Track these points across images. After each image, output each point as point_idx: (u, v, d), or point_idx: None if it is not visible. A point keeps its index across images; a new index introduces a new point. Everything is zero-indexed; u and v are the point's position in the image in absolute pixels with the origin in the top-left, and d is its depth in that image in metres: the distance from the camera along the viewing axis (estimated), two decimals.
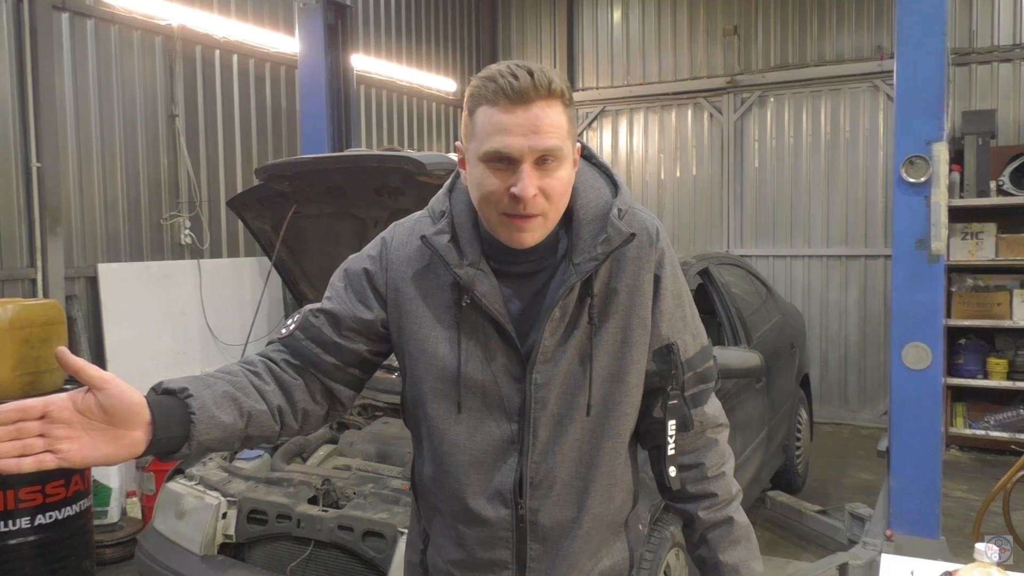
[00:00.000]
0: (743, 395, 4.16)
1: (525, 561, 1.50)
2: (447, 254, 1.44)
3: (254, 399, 1.43)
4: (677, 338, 1.52)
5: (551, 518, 1.49)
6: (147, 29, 5.53)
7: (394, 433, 3.63)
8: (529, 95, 1.31)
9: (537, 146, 1.31)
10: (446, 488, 1.51)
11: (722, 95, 8.45)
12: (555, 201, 1.36)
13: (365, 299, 1.54)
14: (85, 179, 5.19)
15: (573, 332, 1.45)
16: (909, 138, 3.67)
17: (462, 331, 1.46)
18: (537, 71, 1.32)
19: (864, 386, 7.91)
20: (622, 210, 1.45)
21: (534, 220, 1.35)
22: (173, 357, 5.56)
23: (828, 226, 7.98)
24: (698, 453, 1.57)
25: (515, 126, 1.31)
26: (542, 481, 1.47)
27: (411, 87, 8.27)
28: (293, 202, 3.74)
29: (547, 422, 1.46)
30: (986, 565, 1.46)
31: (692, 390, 1.55)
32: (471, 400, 1.47)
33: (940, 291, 3.72)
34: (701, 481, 1.57)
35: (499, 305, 1.44)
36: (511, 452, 1.47)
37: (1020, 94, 7.07)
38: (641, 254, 1.47)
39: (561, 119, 1.34)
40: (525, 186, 1.31)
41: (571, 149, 1.38)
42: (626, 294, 1.47)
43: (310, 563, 2.92)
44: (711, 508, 1.57)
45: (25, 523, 3.95)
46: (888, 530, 3.80)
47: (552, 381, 1.44)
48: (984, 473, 6.10)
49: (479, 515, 1.48)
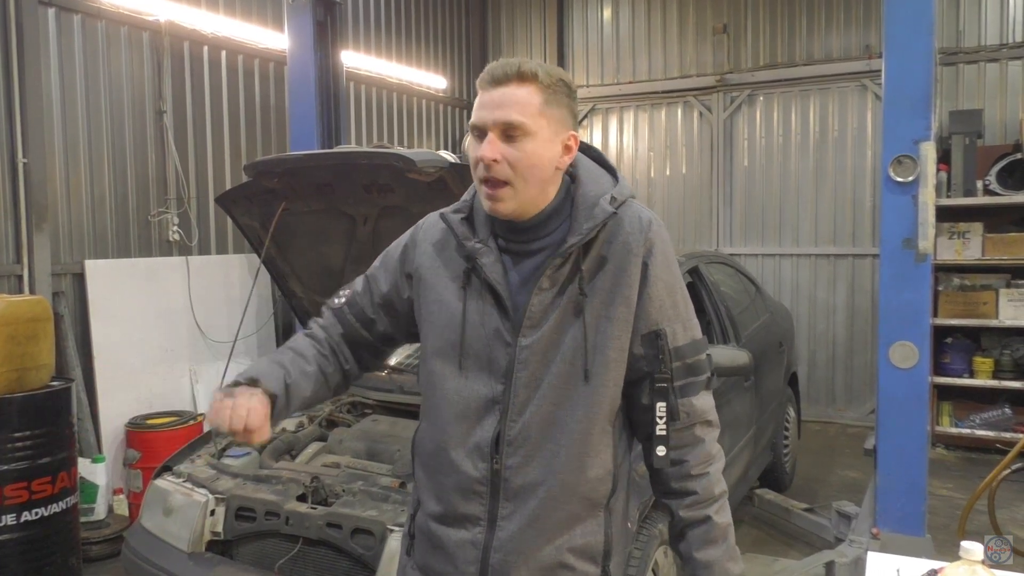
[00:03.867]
0: (731, 393, 4.17)
1: (496, 518, 1.59)
2: (459, 229, 1.67)
3: (317, 369, 1.79)
4: (666, 325, 1.61)
5: (523, 477, 1.58)
6: (134, 25, 5.50)
7: (383, 431, 3.62)
8: (500, 78, 1.54)
9: (499, 118, 1.53)
10: (434, 440, 1.67)
11: (712, 94, 8.46)
12: (520, 171, 1.54)
13: (396, 277, 1.80)
14: (72, 175, 5.15)
15: (559, 302, 1.58)
16: (897, 137, 3.68)
17: (467, 298, 1.64)
18: (515, 61, 1.55)
19: (851, 385, 7.95)
20: (616, 198, 1.61)
21: (501, 188, 1.55)
22: (161, 354, 5.54)
23: (816, 225, 8.01)
24: (683, 450, 1.63)
25: (487, 102, 1.55)
26: (516, 438, 1.58)
27: (401, 84, 8.25)
28: (282, 199, 3.73)
29: (527, 383, 1.58)
30: (972, 562, 1.47)
31: (681, 381, 1.62)
32: (467, 360, 1.63)
33: (927, 290, 3.74)
34: (684, 479, 1.64)
35: (498, 275, 1.61)
36: (494, 410, 1.60)
37: (1007, 94, 7.11)
38: (631, 240, 1.59)
39: (530, 99, 1.53)
40: (485, 149, 1.53)
41: (544, 128, 1.55)
42: (612, 273, 1.59)
43: (298, 561, 2.92)
44: (691, 506, 1.64)
45: (11, 520, 3.93)
46: (874, 528, 3.82)
47: (535, 344, 1.58)
48: (970, 471, 6.14)
49: (458, 466, 1.61)
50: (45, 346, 4.15)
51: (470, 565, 1.61)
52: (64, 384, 4.28)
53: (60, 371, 4.72)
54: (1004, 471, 3.94)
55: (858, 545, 3.87)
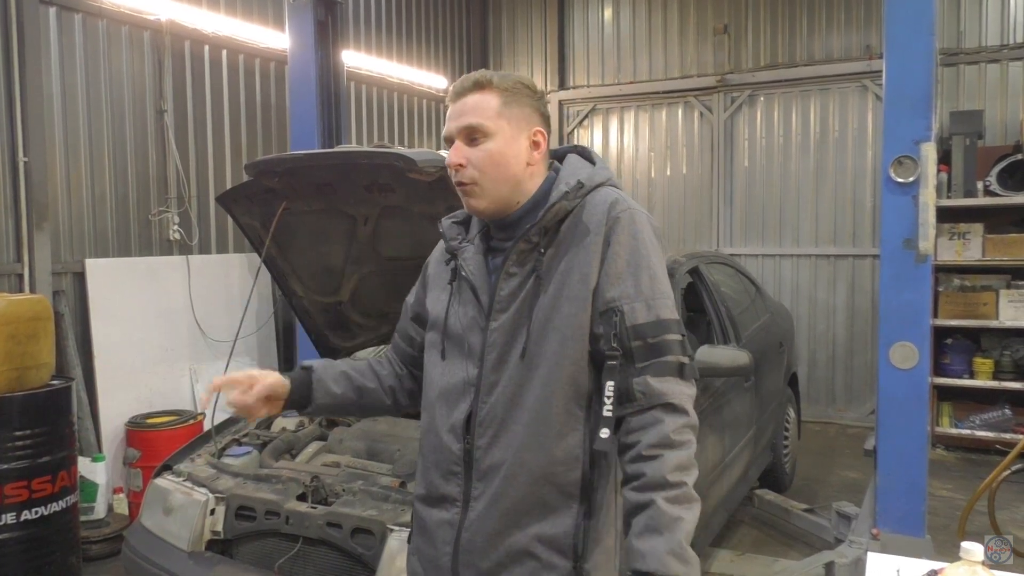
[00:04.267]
0: (731, 394, 4.17)
1: (469, 499, 1.63)
2: (448, 231, 1.81)
3: (368, 379, 1.95)
4: (624, 304, 1.57)
5: (490, 457, 1.62)
6: (135, 24, 5.50)
7: (383, 430, 3.62)
8: (460, 91, 1.68)
9: (460, 124, 1.66)
10: (423, 424, 1.78)
11: (712, 94, 8.46)
12: (485, 170, 1.65)
13: (420, 292, 1.95)
14: (73, 174, 5.15)
15: (524, 285, 1.64)
16: (897, 138, 3.68)
17: (454, 292, 1.76)
18: (476, 73, 1.68)
19: (851, 385, 7.95)
20: (583, 183, 1.66)
21: (468, 187, 1.66)
22: (161, 353, 5.54)
23: (817, 225, 8.01)
24: (638, 433, 1.53)
25: (452, 114, 1.69)
26: (484, 419, 1.64)
27: (402, 84, 8.25)
28: (283, 198, 3.72)
29: (495, 365, 1.64)
30: (972, 563, 1.47)
31: (642, 362, 1.54)
32: (450, 348, 1.73)
33: (927, 291, 3.74)
34: (634, 460, 1.52)
35: (474, 267, 1.72)
36: (469, 392, 1.67)
37: (1007, 94, 7.11)
38: (593, 219, 1.64)
39: (488, 103, 1.65)
40: (450, 156, 1.66)
41: (504, 128, 1.65)
42: (572, 253, 1.63)
43: (298, 560, 2.92)
44: (637, 489, 1.50)
45: (11, 519, 3.93)
46: (874, 528, 3.82)
47: (502, 327, 1.64)
48: (969, 472, 6.14)
49: (439, 447, 1.70)
50: (45, 345, 4.15)
51: (447, 545, 1.65)
52: (64, 383, 4.28)
53: (60, 370, 4.72)
54: (1004, 472, 3.93)
55: (858, 546, 3.87)
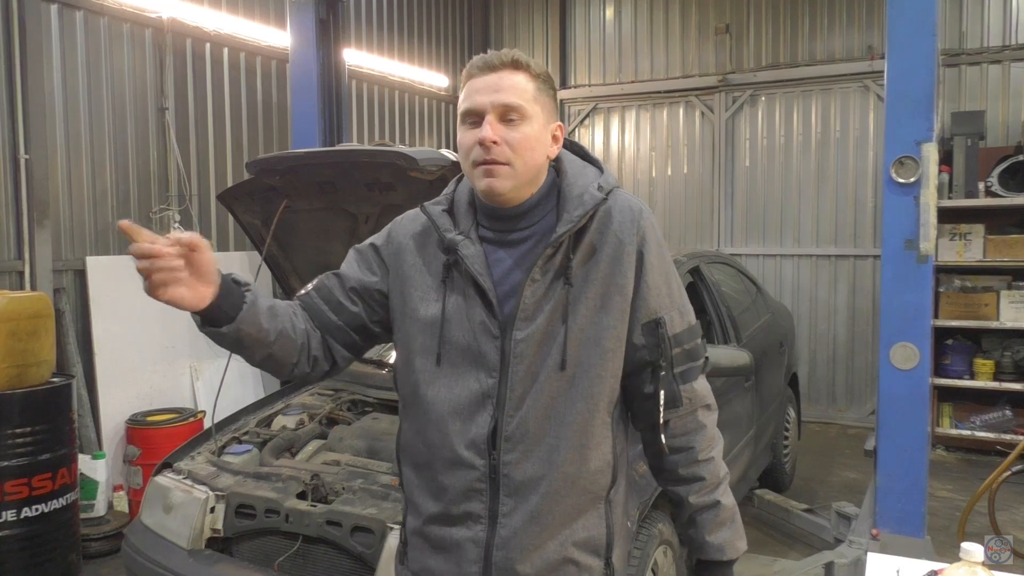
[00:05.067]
0: (732, 393, 4.17)
1: (497, 516, 1.57)
2: (440, 220, 1.66)
3: (289, 326, 1.65)
4: (664, 313, 1.62)
5: (523, 472, 1.56)
6: (137, 21, 5.50)
7: (384, 429, 3.62)
8: (494, 64, 1.56)
9: (498, 101, 1.54)
10: (428, 438, 1.62)
11: (713, 94, 8.46)
12: (520, 153, 1.55)
13: (370, 267, 1.74)
14: (74, 172, 5.16)
15: (553, 293, 1.57)
16: (899, 138, 3.68)
17: (448, 292, 1.62)
18: (507, 50, 1.58)
19: (852, 385, 7.95)
20: (603, 186, 1.62)
21: (501, 168, 1.54)
22: (161, 351, 5.54)
23: (818, 226, 8.01)
24: (688, 437, 1.66)
25: (482, 87, 1.56)
26: (514, 434, 1.56)
27: (403, 82, 8.25)
28: (284, 196, 3.72)
29: (523, 377, 1.56)
30: (972, 564, 1.47)
31: (680, 367, 1.65)
32: (452, 355, 1.60)
33: (928, 291, 3.74)
34: (691, 465, 1.67)
35: (480, 266, 1.59)
36: (487, 405, 1.57)
37: (1009, 95, 7.11)
38: (624, 228, 1.60)
39: (525, 85, 1.56)
40: (486, 130, 1.52)
41: (539, 114, 1.57)
42: (607, 263, 1.59)
43: (298, 558, 2.92)
44: (700, 492, 1.68)
45: (11, 516, 3.94)
46: (874, 529, 3.82)
47: (531, 337, 1.56)
48: (970, 473, 6.14)
49: (455, 464, 1.58)
50: (46, 342, 4.15)
51: (472, 564, 1.58)
52: (65, 380, 4.29)
53: (61, 367, 4.72)
54: (1004, 473, 3.93)
55: (858, 546, 3.87)
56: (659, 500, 2.99)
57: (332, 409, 3.91)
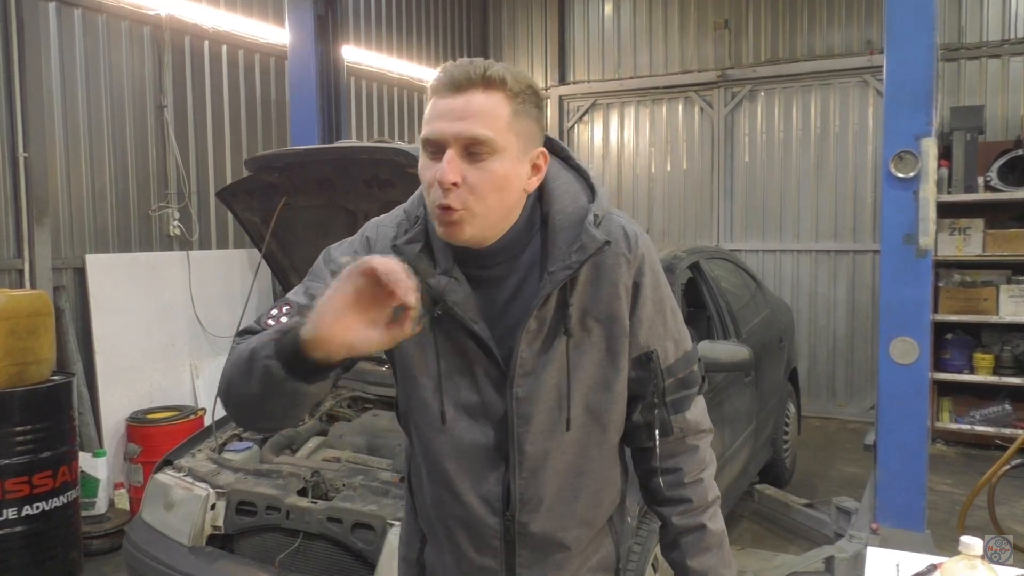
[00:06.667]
0: (732, 389, 4.17)
1: (514, 568, 1.51)
2: (418, 263, 1.38)
3: None
4: (657, 345, 1.52)
5: (541, 529, 1.49)
6: (135, 19, 5.49)
7: (384, 425, 3.63)
8: (462, 83, 1.29)
9: (462, 132, 1.28)
10: (437, 492, 1.52)
11: (713, 89, 8.45)
12: (483, 196, 1.30)
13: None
14: (73, 169, 5.15)
15: (553, 343, 1.42)
16: (898, 133, 3.68)
17: (440, 341, 1.43)
18: (481, 62, 1.30)
19: (851, 380, 7.95)
20: (598, 216, 1.42)
21: (455, 213, 1.30)
22: (161, 349, 5.54)
23: (817, 221, 8.01)
24: (677, 459, 1.59)
25: (446, 112, 1.29)
26: (532, 497, 1.47)
27: (402, 79, 8.24)
28: (283, 194, 3.73)
29: (533, 438, 1.44)
30: (971, 558, 1.47)
31: (673, 396, 1.55)
32: (454, 409, 1.46)
33: (927, 286, 3.74)
34: (677, 487, 1.58)
35: (473, 313, 1.40)
36: (498, 461, 1.46)
37: (1008, 90, 7.10)
38: (619, 261, 1.45)
39: (499, 109, 1.29)
40: (443, 171, 1.28)
41: (512, 145, 1.32)
42: (606, 303, 1.45)
43: (299, 555, 2.92)
44: (685, 514, 1.59)
45: (12, 514, 3.94)
46: (874, 523, 3.82)
47: (535, 395, 1.43)
48: (969, 467, 6.14)
49: (467, 518, 1.49)
50: (46, 340, 4.16)
51: None
52: (65, 378, 4.29)
53: (61, 365, 4.72)
54: (1004, 467, 3.94)
55: (858, 540, 3.88)
56: None
57: (332, 406, 3.92)
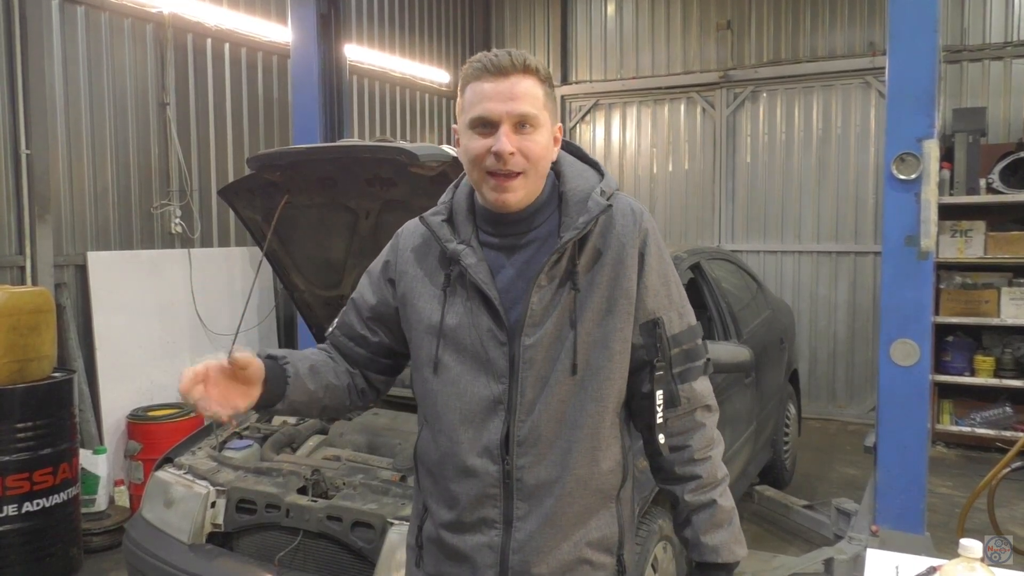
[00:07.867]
0: (732, 390, 4.17)
1: (512, 520, 1.58)
2: (439, 230, 1.65)
3: (332, 376, 1.75)
4: (663, 313, 1.63)
5: (536, 476, 1.57)
6: (138, 17, 5.49)
7: (384, 424, 3.63)
8: (507, 69, 1.52)
9: (514, 111, 1.51)
10: (440, 446, 1.64)
11: (715, 90, 8.45)
12: (534, 162, 1.55)
13: (380, 289, 1.77)
14: (75, 166, 5.15)
15: (559, 298, 1.57)
16: (900, 135, 3.68)
17: (452, 301, 1.62)
18: (515, 52, 1.55)
19: (852, 382, 7.95)
20: (605, 191, 1.62)
21: (515, 179, 1.54)
22: (162, 346, 5.55)
23: (819, 222, 8.01)
24: (686, 435, 1.65)
25: (495, 94, 1.52)
26: (527, 438, 1.57)
27: (404, 78, 8.24)
28: (284, 192, 3.72)
29: (533, 382, 1.57)
30: (971, 560, 1.47)
31: (679, 367, 1.64)
32: (460, 363, 1.61)
33: (929, 288, 3.74)
34: (687, 463, 1.66)
35: (484, 275, 1.59)
36: (498, 411, 1.58)
37: (1010, 92, 7.10)
38: (626, 231, 1.61)
39: (536, 91, 1.54)
40: (503, 143, 1.50)
41: (548, 121, 1.57)
42: (611, 266, 1.59)
43: (298, 553, 2.92)
44: (696, 490, 1.66)
45: (12, 510, 3.95)
46: (873, 525, 3.82)
47: (539, 343, 1.56)
48: (969, 470, 6.14)
49: (469, 470, 1.59)
50: (47, 337, 4.16)
51: (489, 569, 1.59)
52: (66, 375, 4.29)
53: (62, 362, 4.73)
54: (1004, 469, 3.94)
55: (857, 542, 3.88)
56: (659, 496, 2.99)
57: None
